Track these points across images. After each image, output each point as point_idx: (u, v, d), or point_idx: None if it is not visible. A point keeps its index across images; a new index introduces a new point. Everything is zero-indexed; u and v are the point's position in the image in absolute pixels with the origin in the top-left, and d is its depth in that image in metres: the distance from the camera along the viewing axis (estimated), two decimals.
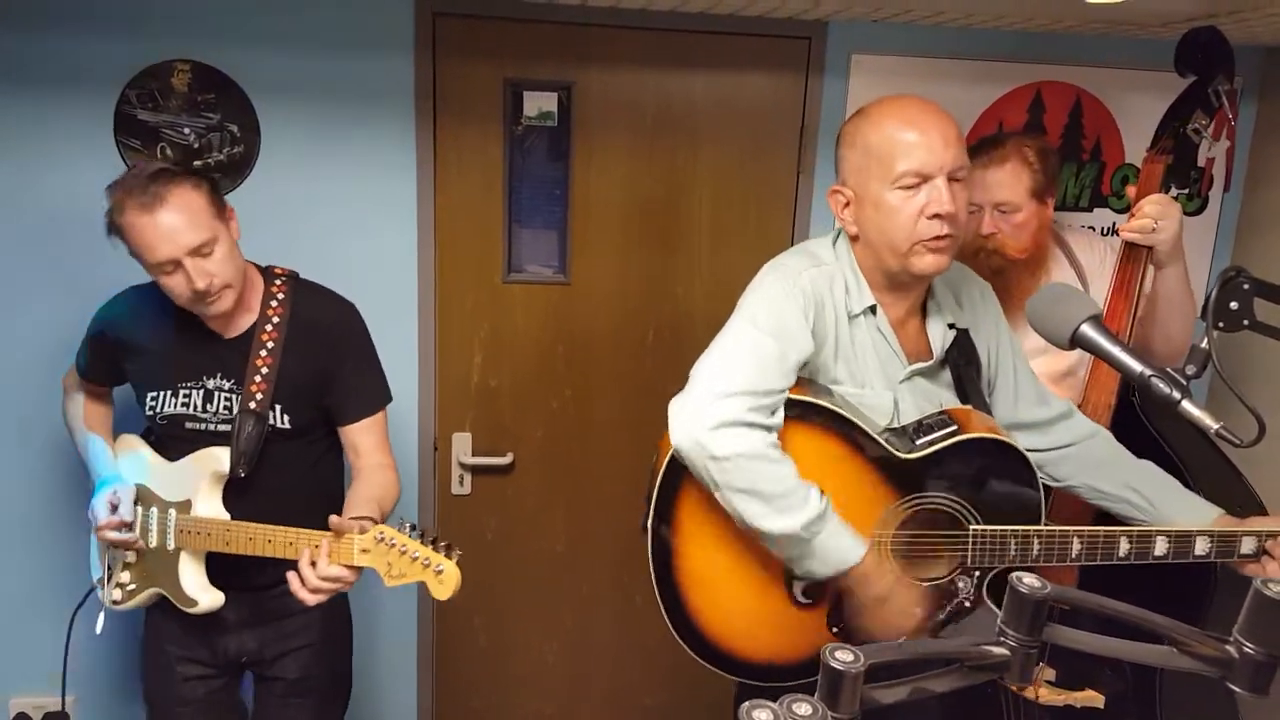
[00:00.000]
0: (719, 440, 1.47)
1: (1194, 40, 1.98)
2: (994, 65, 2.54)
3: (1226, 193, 2.68)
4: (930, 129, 1.53)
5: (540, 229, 2.55)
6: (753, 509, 1.48)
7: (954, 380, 1.71)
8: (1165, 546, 1.60)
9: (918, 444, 1.59)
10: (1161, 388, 1.21)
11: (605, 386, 2.63)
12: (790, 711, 0.77)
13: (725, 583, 1.63)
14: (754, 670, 1.65)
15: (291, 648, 2.00)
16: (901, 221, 1.54)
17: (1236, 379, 2.70)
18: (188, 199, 1.72)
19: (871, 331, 1.64)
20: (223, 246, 1.75)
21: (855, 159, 1.59)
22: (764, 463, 1.48)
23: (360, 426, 1.94)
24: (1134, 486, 1.73)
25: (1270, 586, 0.80)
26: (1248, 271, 1.21)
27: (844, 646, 0.82)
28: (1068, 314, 1.31)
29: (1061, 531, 1.60)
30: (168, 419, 1.88)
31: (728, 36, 2.45)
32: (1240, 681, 0.82)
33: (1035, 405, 1.79)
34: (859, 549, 1.51)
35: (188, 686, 1.98)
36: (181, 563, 1.87)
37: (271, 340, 1.86)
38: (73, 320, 2.26)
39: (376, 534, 1.65)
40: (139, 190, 1.70)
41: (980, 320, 1.76)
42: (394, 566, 1.63)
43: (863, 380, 1.63)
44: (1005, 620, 0.87)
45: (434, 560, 1.61)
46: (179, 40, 2.26)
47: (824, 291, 1.61)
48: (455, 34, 2.37)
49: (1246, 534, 1.60)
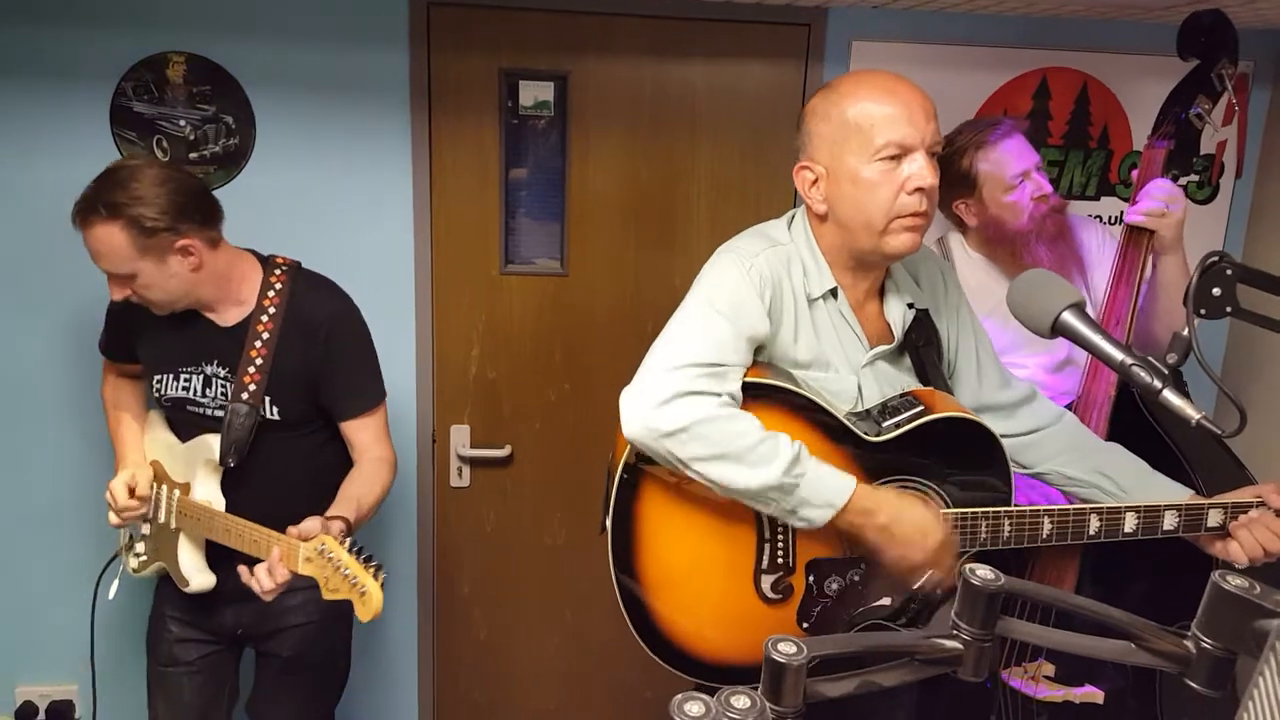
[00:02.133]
0: (667, 415, 1.42)
1: (1197, 23, 1.94)
2: (998, 51, 2.50)
3: (1238, 179, 2.62)
4: (911, 101, 1.48)
5: (537, 220, 2.54)
6: (726, 472, 1.42)
7: (914, 363, 1.67)
8: (1135, 522, 1.58)
9: (884, 426, 1.55)
10: (1143, 376, 1.18)
11: (603, 378, 2.62)
12: (727, 704, 0.75)
13: (691, 583, 1.57)
14: (722, 673, 1.59)
15: (288, 624, 2.02)
16: (882, 196, 1.48)
17: (1246, 371, 2.65)
18: (108, 237, 1.74)
19: (833, 314, 1.60)
20: (148, 277, 1.78)
21: (828, 132, 1.52)
22: (721, 422, 1.42)
23: (357, 423, 1.95)
24: (1103, 471, 1.69)
25: (1228, 580, 0.77)
26: (1230, 256, 1.17)
27: (787, 638, 0.80)
28: (1048, 302, 1.28)
29: (1032, 511, 1.57)
30: (171, 402, 1.93)
31: (725, 24, 2.42)
32: (1198, 678, 0.79)
33: (999, 388, 1.75)
34: (849, 480, 1.46)
35: (181, 648, 2.04)
36: (181, 542, 1.92)
37: (266, 331, 1.87)
38: (76, 310, 2.29)
39: (318, 544, 1.65)
40: (82, 204, 1.76)
41: (940, 301, 1.72)
42: (330, 580, 1.64)
43: (825, 363, 1.58)
44: (958, 613, 0.85)
45: (361, 580, 1.61)
46: (174, 32, 2.27)
47: (781, 273, 1.55)
48: (450, 24, 2.36)
49: (1212, 506, 1.58)
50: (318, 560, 1.65)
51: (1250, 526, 1.58)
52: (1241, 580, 0.78)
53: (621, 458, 1.55)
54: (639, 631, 1.58)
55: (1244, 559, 1.56)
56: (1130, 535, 1.58)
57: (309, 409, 1.93)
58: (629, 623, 1.58)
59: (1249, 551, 1.56)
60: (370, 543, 2.53)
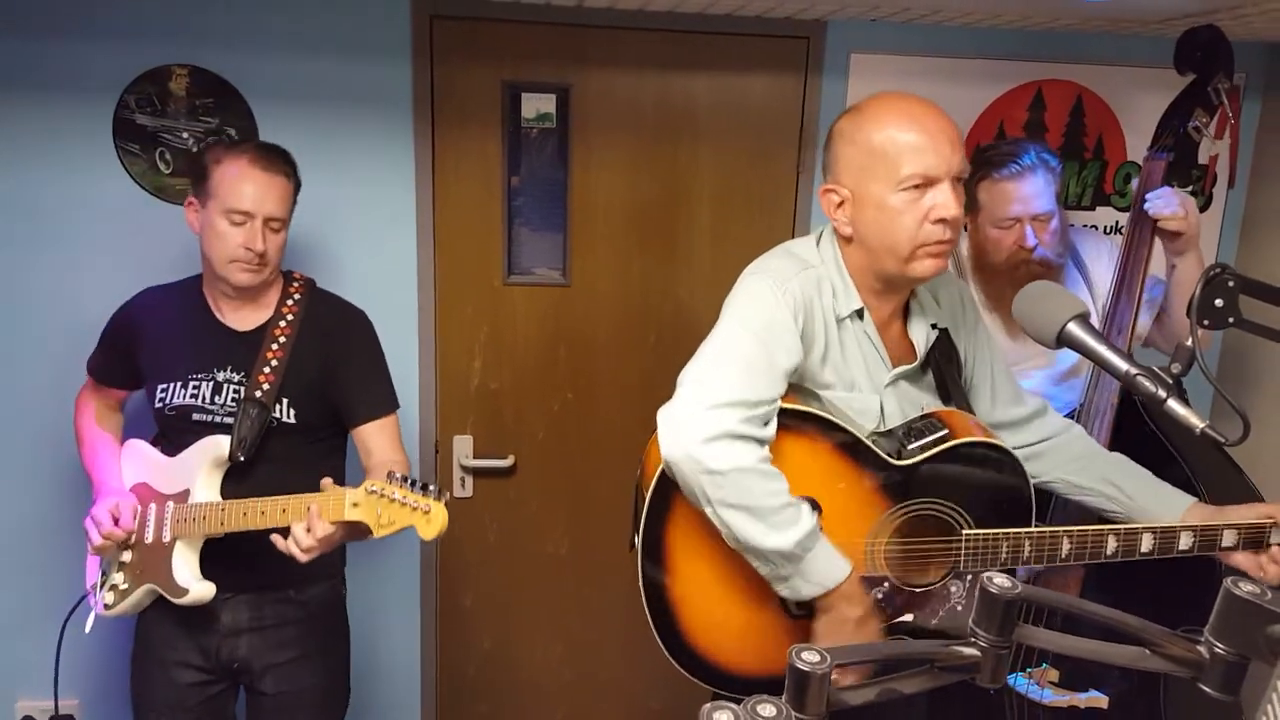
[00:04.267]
0: (712, 453, 1.43)
1: (1194, 39, 1.97)
2: (994, 64, 2.52)
3: (1231, 189, 2.65)
4: (937, 132, 1.48)
5: (540, 231, 2.55)
6: (746, 525, 1.45)
7: (936, 381, 1.69)
8: (1151, 543, 1.61)
9: (908, 449, 1.57)
10: (1147, 386, 1.20)
11: (607, 388, 2.63)
12: (754, 713, 0.77)
13: (719, 599, 1.60)
14: (751, 686, 1.61)
15: (282, 660, 1.99)
16: (906, 224, 1.49)
17: (1241, 380, 2.68)
18: (284, 185, 1.90)
19: (858, 335, 1.61)
20: (284, 234, 1.92)
21: (855, 157, 1.53)
22: (758, 477, 1.45)
23: (371, 428, 1.96)
24: (1109, 479, 1.73)
25: (1240, 586, 0.79)
26: (1233, 269, 1.19)
27: (810, 647, 0.82)
28: (1054, 313, 1.30)
29: (1051, 532, 1.59)
30: (176, 410, 1.91)
31: (726, 36, 2.45)
32: (1211, 682, 0.81)
33: (1012, 404, 1.79)
34: (846, 567, 1.50)
35: (181, 692, 1.98)
36: (175, 552, 1.88)
37: (284, 335, 1.91)
38: (71, 328, 2.28)
39: (369, 486, 1.68)
40: (255, 151, 1.88)
41: (959, 320, 1.75)
42: (383, 515, 1.66)
43: (850, 383, 1.60)
44: (976, 621, 0.86)
45: (421, 502, 1.64)
46: (177, 45, 2.28)
47: (813, 295, 1.56)
48: (452, 37, 2.38)
49: (1227, 528, 1.62)
50: (367, 501, 1.67)
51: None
52: (1253, 586, 0.80)
53: (653, 479, 1.56)
54: (668, 647, 1.61)
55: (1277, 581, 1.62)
56: (1147, 555, 1.61)
57: (324, 412, 1.95)
58: (658, 639, 1.61)
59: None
60: (372, 554, 2.53)
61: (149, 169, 2.32)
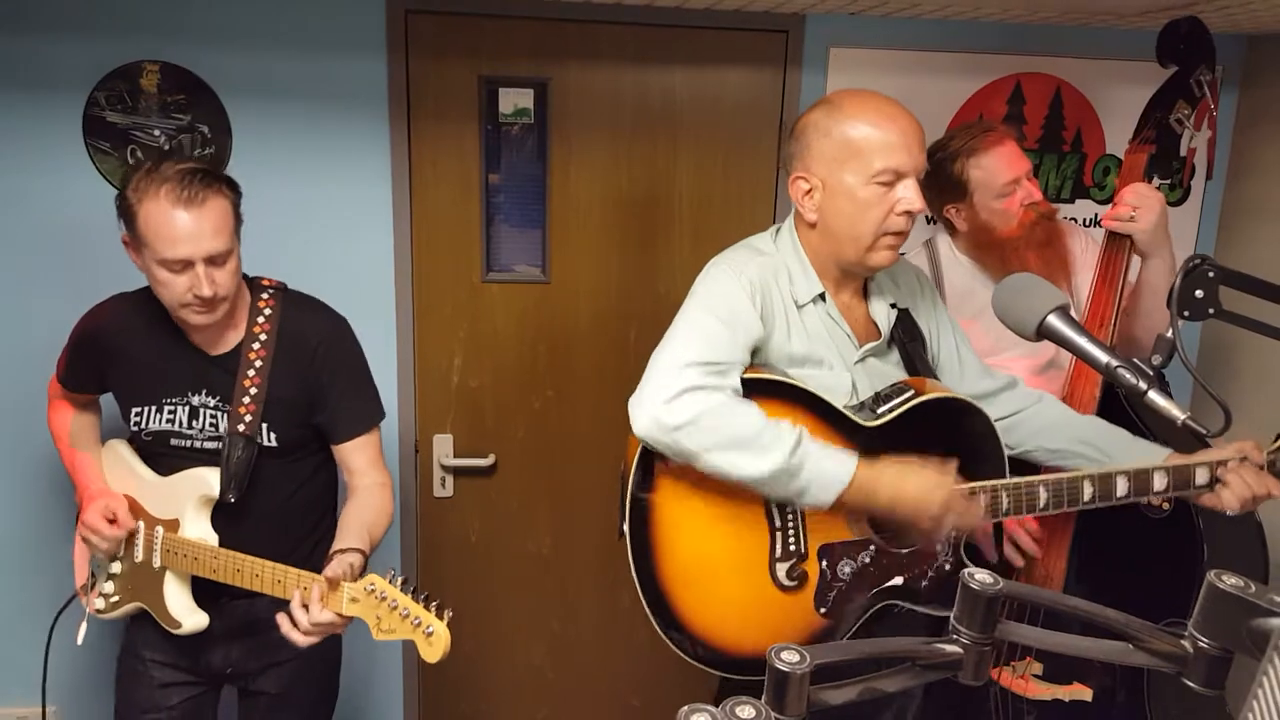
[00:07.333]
0: (675, 410, 1.48)
1: (1175, 30, 1.97)
2: (973, 57, 2.52)
3: (1209, 181, 2.66)
4: (908, 130, 1.58)
5: (519, 227, 2.53)
6: (734, 460, 1.48)
7: (903, 359, 1.75)
8: (1126, 485, 1.62)
9: (879, 412, 1.62)
10: (1128, 378, 1.19)
11: (587, 385, 2.62)
12: (732, 714, 0.75)
13: (709, 577, 1.62)
14: (746, 664, 1.63)
15: (276, 661, 1.94)
16: (874, 215, 1.59)
17: (1221, 371, 2.69)
18: (221, 207, 1.69)
19: (822, 317, 1.68)
20: (234, 260, 1.73)
21: (828, 148, 1.60)
22: (727, 412, 1.49)
23: (352, 445, 1.89)
24: (1086, 440, 1.77)
25: (1223, 580, 0.78)
26: (1213, 260, 1.19)
27: (790, 646, 0.80)
28: (1033, 305, 1.29)
29: (1028, 482, 1.61)
30: (153, 435, 1.83)
31: (704, 31, 2.43)
32: (1195, 677, 0.80)
33: (981, 378, 1.84)
34: (850, 460, 1.51)
35: (162, 693, 1.93)
36: (167, 582, 1.82)
37: (259, 359, 1.80)
38: (47, 328, 2.23)
39: (367, 584, 1.59)
40: (176, 182, 1.64)
41: (918, 300, 1.82)
42: (383, 621, 1.57)
43: (820, 360, 1.65)
44: (957, 618, 0.85)
45: (425, 620, 1.54)
46: (147, 40, 2.24)
47: (769, 279, 1.64)
48: (428, 31, 2.35)
49: (1199, 465, 1.63)
50: (366, 600, 1.58)
51: (1240, 472, 1.63)
52: (1237, 579, 0.79)
53: (634, 461, 1.59)
54: (664, 629, 1.61)
55: (1235, 505, 1.62)
56: (1124, 499, 1.62)
57: (306, 433, 1.88)
58: (655, 624, 1.61)
59: (1238, 494, 1.61)
60: None
61: (120, 167, 2.28)
